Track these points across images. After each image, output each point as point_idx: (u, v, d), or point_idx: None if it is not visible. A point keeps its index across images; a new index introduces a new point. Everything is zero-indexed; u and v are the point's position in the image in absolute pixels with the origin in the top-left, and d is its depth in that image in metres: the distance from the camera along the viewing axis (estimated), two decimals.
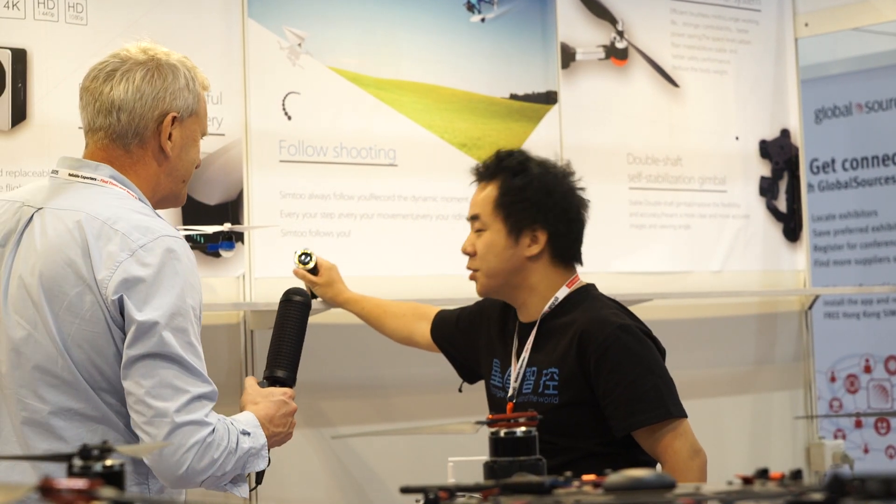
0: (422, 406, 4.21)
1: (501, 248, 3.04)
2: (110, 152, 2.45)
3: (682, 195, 4.84)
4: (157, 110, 2.44)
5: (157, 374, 2.28)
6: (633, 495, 1.48)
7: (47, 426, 2.35)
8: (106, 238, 2.32)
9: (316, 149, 4.00)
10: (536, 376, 2.99)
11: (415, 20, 4.23)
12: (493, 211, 3.05)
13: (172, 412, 2.27)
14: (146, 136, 2.45)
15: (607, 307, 3.03)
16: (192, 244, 3.68)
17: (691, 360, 4.79)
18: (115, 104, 2.43)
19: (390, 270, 4.10)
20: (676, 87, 4.87)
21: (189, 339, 2.32)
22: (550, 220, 3.04)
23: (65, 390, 2.34)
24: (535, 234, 3.04)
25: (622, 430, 2.90)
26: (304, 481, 3.97)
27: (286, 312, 3.08)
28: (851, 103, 6.12)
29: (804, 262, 5.17)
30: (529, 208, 3.03)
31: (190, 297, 2.33)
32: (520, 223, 3.03)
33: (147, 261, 2.30)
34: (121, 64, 2.45)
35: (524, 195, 3.04)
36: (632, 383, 2.88)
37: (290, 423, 2.63)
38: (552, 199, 3.06)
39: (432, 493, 1.47)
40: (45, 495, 1.24)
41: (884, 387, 6.03)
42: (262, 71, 3.90)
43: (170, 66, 2.48)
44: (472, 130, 4.31)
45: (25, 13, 3.48)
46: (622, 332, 2.92)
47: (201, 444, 2.29)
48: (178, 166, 2.50)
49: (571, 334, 2.95)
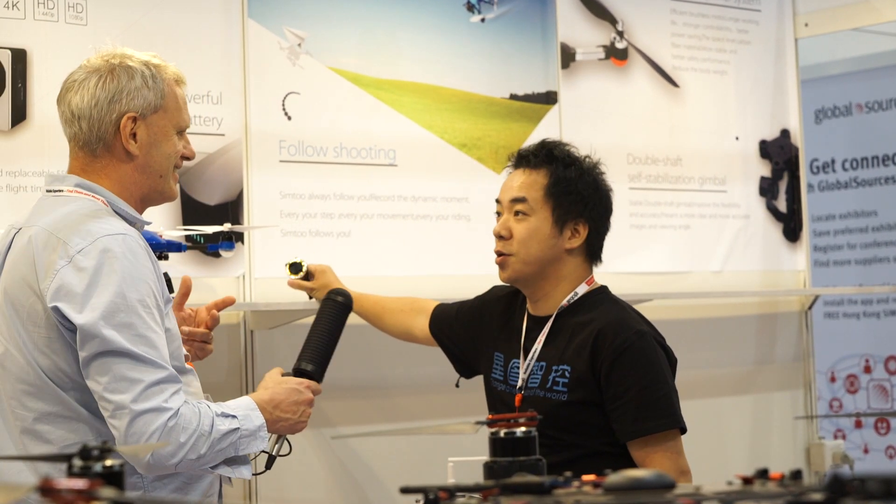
0: (422, 406, 4.21)
1: (545, 235, 3.02)
2: (81, 160, 2.54)
3: (682, 195, 4.84)
4: (113, 113, 2.51)
5: (110, 369, 2.35)
6: (632, 495, 1.48)
7: (36, 432, 2.44)
8: (51, 248, 2.42)
9: (316, 149, 4.00)
10: (545, 371, 2.97)
11: (415, 20, 4.23)
12: (543, 197, 3.03)
13: (129, 403, 2.33)
14: (109, 140, 2.52)
15: (627, 311, 3.02)
16: (192, 244, 3.69)
17: (691, 360, 4.78)
18: (74, 114, 2.53)
19: (390, 270, 4.10)
20: (676, 87, 4.87)
21: (137, 332, 2.37)
22: (594, 215, 3.05)
23: (40, 396, 2.43)
24: (576, 228, 3.03)
25: (627, 436, 2.89)
26: (304, 481, 3.97)
27: (323, 310, 3.12)
28: (851, 103, 6.12)
29: (804, 263, 5.17)
30: (578, 201, 3.03)
31: (133, 290, 2.38)
32: (566, 214, 3.02)
33: (83, 265, 2.38)
34: (83, 75, 2.55)
35: (575, 187, 3.03)
36: (643, 390, 2.87)
37: (303, 412, 2.69)
38: (598, 194, 3.07)
39: (432, 493, 1.48)
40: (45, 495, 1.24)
41: (884, 387, 6.03)
42: (262, 71, 3.90)
43: (124, 69, 2.54)
44: (471, 130, 4.31)
45: (25, 13, 3.48)
46: (638, 337, 2.91)
47: (163, 429, 2.34)
48: (150, 163, 2.55)
49: (587, 333, 2.94)
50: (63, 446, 2.41)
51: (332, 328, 3.06)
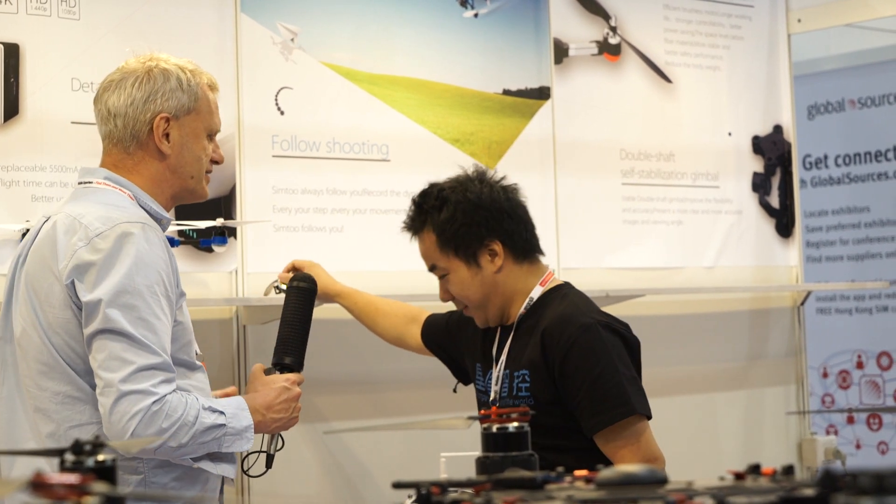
0: (414, 401, 4.21)
1: (470, 279, 3.02)
2: (114, 156, 2.65)
3: (674, 191, 4.84)
4: (148, 113, 2.63)
5: (106, 347, 2.43)
6: (624, 490, 1.48)
7: (47, 411, 2.53)
8: (72, 231, 2.51)
9: (309, 144, 4.00)
10: (510, 379, 2.99)
11: (408, 16, 4.23)
12: (441, 253, 3.03)
13: (118, 382, 2.41)
14: (143, 138, 2.63)
15: (572, 305, 3.00)
16: (185, 239, 3.68)
17: (684, 355, 4.79)
18: (110, 112, 2.64)
19: (382, 266, 4.10)
20: (669, 82, 4.87)
21: (139, 314, 2.44)
22: (494, 227, 3.02)
23: (53, 376, 2.52)
24: (490, 250, 3.02)
25: (591, 431, 2.88)
26: (297, 476, 3.97)
27: (290, 299, 3.12)
28: (844, 99, 6.13)
29: (797, 258, 5.17)
30: (469, 231, 3.01)
31: (142, 275, 2.47)
32: (471, 248, 3.01)
33: (100, 246, 2.47)
34: (120, 76, 2.66)
35: (457, 224, 3.01)
36: (594, 382, 2.86)
37: (294, 408, 2.77)
38: (483, 209, 3.02)
39: (425, 488, 1.48)
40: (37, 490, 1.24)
41: (876, 383, 6.04)
42: (254, 66, 3.90)
43: (160, 71, 2.66)
44: (464, 126, 4.31)
45: (18, 8, 3.48)
46: (583, 331, 2.90)
47: (145, 412, 2.40)
48: (181, 163, 2.67)
49: (536, 335, 2.95)
50: (68, 427, 2.50)
51: (302, 315, 3.07)
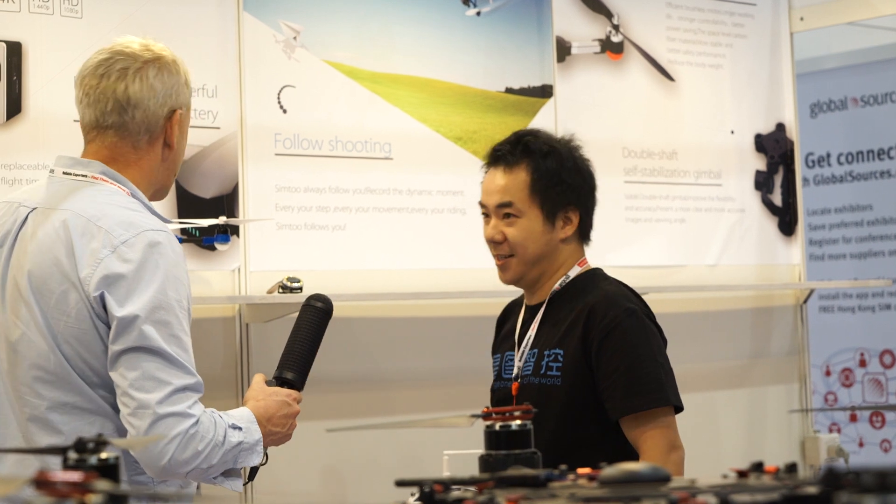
0: (417, 399, 4.21)
1: (539, 233, 2.95)
2: (114, 149, 2.47)
3: (677, 189, 4.84)
4: (166, 107, 2.47)
5: (140, 366, 2.31)
6: (628, 488, 1.48)
7: (46, 421, 2.39)
8: (90, 235, 2.36)
9: (311, 142, 4.00)
10: (537, 357, 2.95)
11: (410, 14, 4.23)
12: (529, 197, 2.95)
13: (154, 404, 2.30)
14: (155, 132, 2.48)
15: (618, 288, 2.98)
16: (188, 237, 3.68)
17: (686, 353, 4.79)
18: (130, 102, 2.45)
19: (385, 264, 4.10)
20: (672, 81, 4.87)
21: (172, 331, 2.33)
22: (582, 199, 2.98)
23: (59, 386, 2.38)
24: (567, 216, 2.97)
25: (618, 413, 2.86)
26: (300, 474, 3.97)
27: (304, 316, 3.08)
28: (847, 97, 6.12)
29: (799, 256, 5.17)
30: (565, 190, 2.95)
31: (173, 289, 2.35)
32: (556, 207, 2.95)
33: (128, 256, 2.33)
34: (130, 61, 2.46)
35: (559, 177, 2.95)
36: (632, 367, 2.85)
37: (290, 425, 2.64)
38: (582, 176, 2.99)
39: (427, 486, 1.47)
40: (41, 488, 1.24)
41: (879, 380, 6.03)
42: (257, 64, 3.90)
43: (173, 63, 2.51)
44: (467, 124, 4.31)
45: (20, 6, 3.48)
46: (628, 315, 2.88)
47: (184, 436, 2.31)
48: (176, 160, 2.56)
49: (578, 313, 2.90)
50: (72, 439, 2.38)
51: (314, 335, 3.01)
